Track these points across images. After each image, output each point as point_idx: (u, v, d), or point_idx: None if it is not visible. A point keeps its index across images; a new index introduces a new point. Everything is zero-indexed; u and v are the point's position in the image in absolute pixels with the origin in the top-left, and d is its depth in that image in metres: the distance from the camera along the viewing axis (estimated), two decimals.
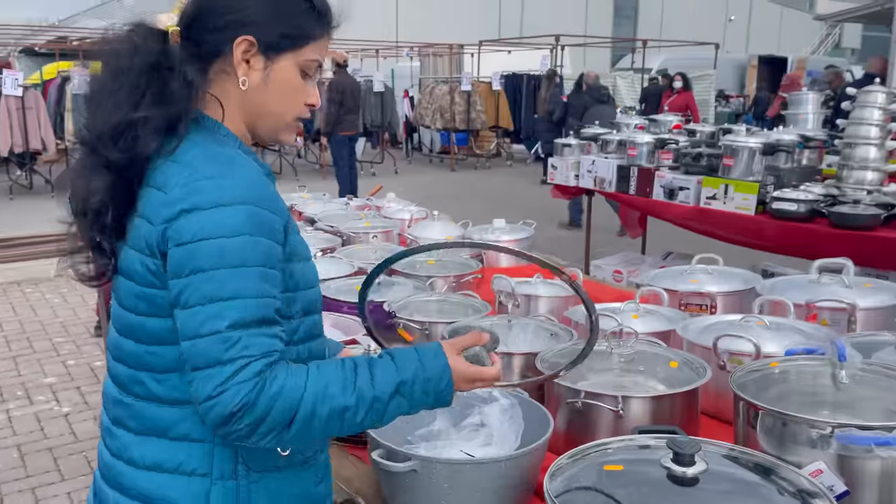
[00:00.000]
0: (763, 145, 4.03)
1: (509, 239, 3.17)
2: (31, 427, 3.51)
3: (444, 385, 1.05)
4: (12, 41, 16.47)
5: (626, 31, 35.76)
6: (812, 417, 1.13)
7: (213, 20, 1.08)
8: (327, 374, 1.01)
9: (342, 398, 0.99)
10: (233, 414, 0.94)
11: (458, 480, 1.23)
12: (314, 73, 1.15)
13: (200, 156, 1.04)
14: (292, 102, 1.13)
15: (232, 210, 0.98)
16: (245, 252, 0.98)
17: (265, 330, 0.98)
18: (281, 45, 1.09)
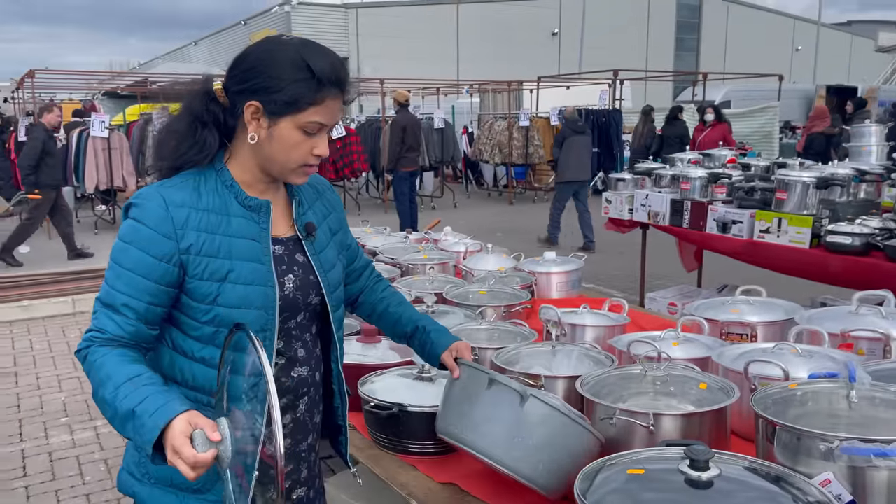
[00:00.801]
0: (816, 179, 4.06)
1: (559, 270, 3.31)
2: (117, 443, 3.80)
3: (146, 438, 1.14)
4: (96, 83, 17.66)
5: (688, 63, 35.54)
6: (821, 432, 1.24)
7: (233, 86, 1.35)
8: (117, 372, 1.23)
9: (104, 393, 1.22)
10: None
11: (548, 424, 1.47)
12: (318, 131, 1.34)
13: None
14: (294, 156, 1.35)
15: (127, 223, 1.33)
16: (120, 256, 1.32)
17: (110, 314, 1.29)
18: (281, 111, 1.31)
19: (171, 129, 1.39)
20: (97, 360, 1.25)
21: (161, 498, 1.36)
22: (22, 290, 6.59)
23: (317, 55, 1.33)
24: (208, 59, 33.41)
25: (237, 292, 1.32)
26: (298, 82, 1.30)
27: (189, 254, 1.30)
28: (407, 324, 1.70)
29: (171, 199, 1.31)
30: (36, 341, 5.62)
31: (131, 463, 1.40)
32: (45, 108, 8.81)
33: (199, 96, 1.37)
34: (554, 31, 32.68)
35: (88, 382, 1.27)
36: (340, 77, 1.34)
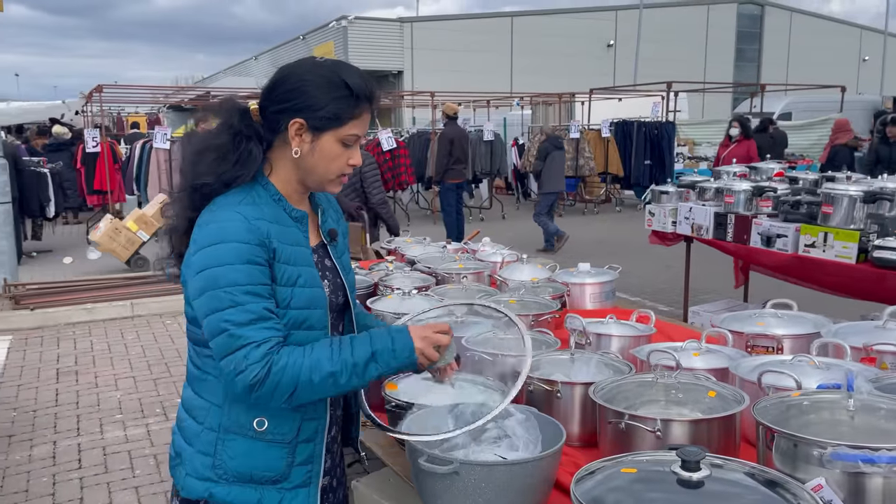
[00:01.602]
0: (864, 193, 3.98)
1: (593, 282, 3.33)
2: (166, 440, 3.99)
3: (409, 354, 1.43)
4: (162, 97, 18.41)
5: (748, 74, 34.77)
6: (814, 438, 1.26)
7: (273, 106, 1.45)
8: (319, 350, 1.39)
9: (330, 366, 1.37)
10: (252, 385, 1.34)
11: (493, 479, 1.43)
12: (355, 142, 1.47)
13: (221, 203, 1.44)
14: (333, 167, 1.47)
15: (220, 247, 1.38)
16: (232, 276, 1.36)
17: (261, 325, 1.35)
18: (325, 126, 1.43)
19: (210, 145, 1.47)
20: (287, 362, 1.35)
21: (240, 494, 1.45)
22: (86, 293, 6.94)
23: (352, 74, 1.45)
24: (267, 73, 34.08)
25: (305, 295, 1.45)
26: (339, 99, 1.42)
27: (274, 260, 1.41)
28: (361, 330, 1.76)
29: (247, 214, 1.41)
30: (96, 342, 5.92)
31: (201, 467, 1.45)
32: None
33: (237, 114, 1.47)
34: (609, 42, 32.46)
35: (142, 382, 1.39)
36: (373, 92, 1.47)
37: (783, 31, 35.70)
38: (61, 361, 5.42)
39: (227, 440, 1.45)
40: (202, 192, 1.45)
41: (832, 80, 17.96)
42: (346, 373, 1.38)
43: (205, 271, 1.37)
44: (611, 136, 13.65)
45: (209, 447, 1.46)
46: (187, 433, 1.50)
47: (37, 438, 4.04)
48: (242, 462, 1.44)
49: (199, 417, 1.48)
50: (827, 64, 32.79)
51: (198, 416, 1.49)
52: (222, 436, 1.45)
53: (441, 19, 31.72)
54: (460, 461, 1.44)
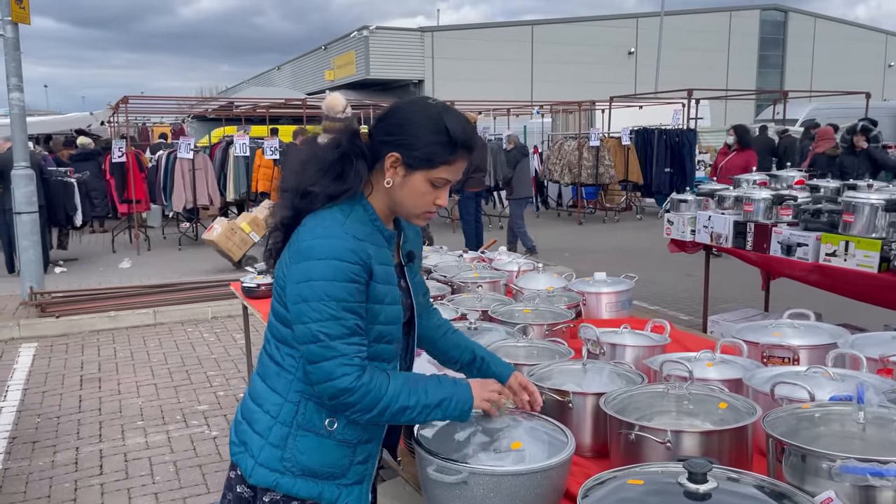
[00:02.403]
0: (886, 202, 3.92)
1: (609, 291, 3.32)
2: (185, 446, 4.04)
3: (468, 406, 1.55)
4: (186, 107, 18.67)
5: (772, 80, 34.43)
6: (823, 451, 1.25)
7: (380, 136, 1.54)
8: (398, 381, 1.51)
9: (406, 401, 1.50)
10: (341, 391, 1.46)
11: (502, 489, 1.44)
12: (444, 185, 1.55)
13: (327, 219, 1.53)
14: (420, 203, 1.55)
15: (328, 263, 1.47)
16: (334, 291, 1.46)
17: (353, 339, 1.47)
18: (417, 165, 1.51)
19: (318, 156, 1.56)
20: (374, 383, 1.47)
21: (304, 486, 1.56)
22: (110, 301, 7.05)
23: (454, 120, 1.52)
24: (290, 83, 34.70)
25: (390, 312, 1.55)
26: (436, 144, 1.49)
27: (371, 280, 1.51)
28: (465, 352, 1.86)
29: (354, 233, 1.50)
30: (119, 349, 6.01)
31: (271, 458, 1.56)
32: None
33: (350, 134, 1.56)
34: (630, 50, 32.34)
35: (163, 389, 1.44)
36: (471, 141, 1.54)
37: (807, 37, 35.31)
38: (85, 368, 5.52)
39: (298, 436, 1.55)
40: (306, 198, 1.54)
41: (857, 86, 17.73)
42: (417, 410, 1.50)
43: (310, 282, 1.46)
44: (631, 143, 13.58)
45: (280, 440, 1.55)
46: (257, 425, 1.58)
47: (60, 444, 4.11)
48: (311, 457, 1.55)
49: (272, 411, 1.57)
50: (851, 70, 32.37)
51: (270, 410, 1.58)
52: (294, 431, 1.55)
53: (461, 28, 31.83)
54: (469, 471, 1.45)
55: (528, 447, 1.56)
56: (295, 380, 1.56)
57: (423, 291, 1.79)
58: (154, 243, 11.11)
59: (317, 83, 32.07)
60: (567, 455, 1.52)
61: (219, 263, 8.96)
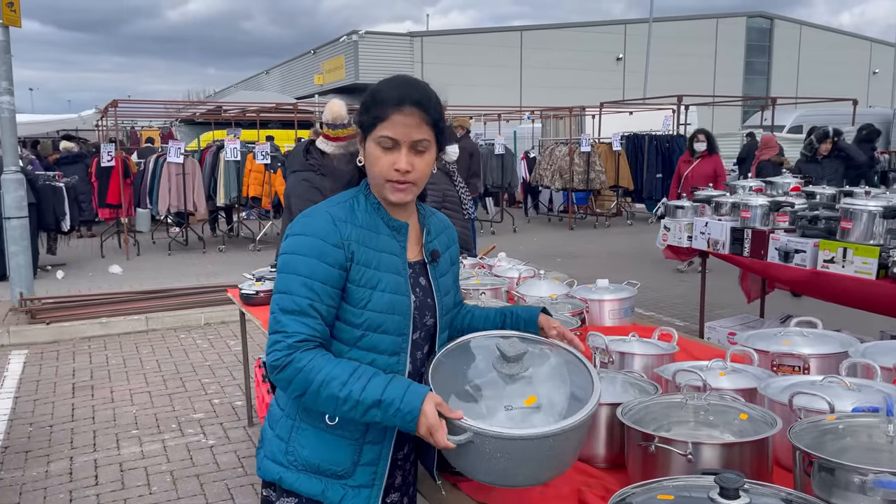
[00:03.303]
0: (884, 209, 3.95)
1: (612, 298, 3.31)
2: (182, 456, 3.98)
3: (409, 420, 1.38)
4: (174, 111, 18.54)
5: (758, 87, 34.72)
6: (854, 465, 1.24)
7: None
8: (338, 369, 1.42)
9: (336, 391, 1.40)
10: (272, 368, 1.45)
11: (509, 451, 1.39)
12: (393, 146, 1.51)
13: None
14: (377, 170, 1.54)
15: (300, 238, 1.51)
16: (298, 266, 1.48)
17: (300, 318, 1.44)
18: (365, 133, 1.55)
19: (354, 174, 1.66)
20: (306, 364, 1.42)
21: (307, 482, 1.54)
22: (101, 307, 6.97)
23: (387, 81, 1.57)
24: (279, 87, 34.59)
25: (384, 299, 1.52)
26: (372, 107, 1.54)
27: (351, 262, 1.50)
28: (496, 317, 1.82)
29: (335, 216, 1.53)
30: (111, 356, 5.93)
31: (276, 451, 1.56)
32: None
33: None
34: (619, 56, 32.50)
35: (157, 397, 1.41)
36: (400, 97, 1.51)
37: (792, 44, 35.66)
38: (77, 376, 5.44)
39: (301, 428, 1.54)
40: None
41: (842, 93, 17.93)
42: (348, 405, 1.41)
43: (283, 255, 1.51)
44: (622, 149, 13.64)
45: (285, 433, 1.56)
46: (271, 418, 1.62)
47: (53, 454, 4.04)
48: (312, 452, 1.53)
49: (282, 403, 1.60)
50: (836, 77, 32.72)
51: (280, 402, 1.61)
52: (297, 423, 1.55)
53: (450, 33, 31.88)
54: (475, 430, 1.38)
55: (545, 400, 1.49)
56: None
57: (452, 292, 1.73)
58: (143, 248, 11.01)
59: (306, 87, 31.99)
60: (585, 415, 1.43)
61: (209, 268, 8.89)
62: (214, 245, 11.42)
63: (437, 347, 1.66)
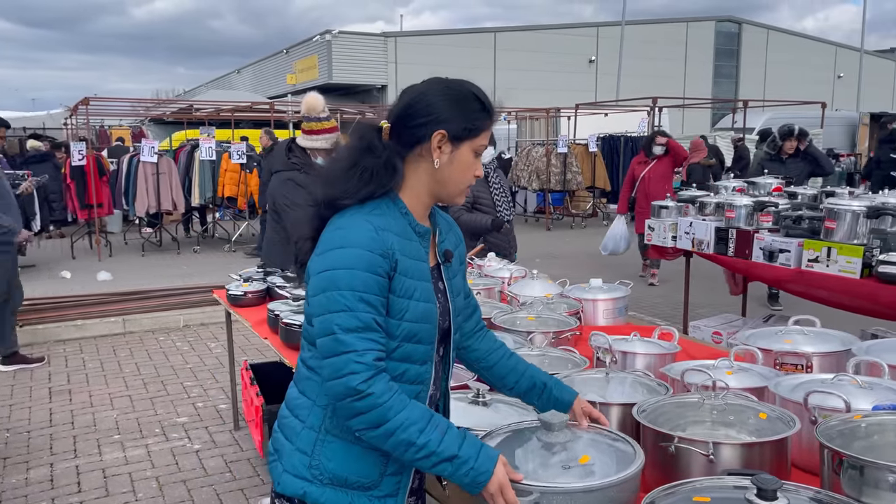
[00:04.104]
0: (867, 208, 4.02)
1: (606, 297, 3.31)
2: (167, 461, 3.89)
3: (481, 480, 1.37)
4: (144, 110, 18.22)
5: (727, 90, 35.24)
6: (888, 463, 1.24)
7: (416, 119, 1.50)
8: (416, 413, 1.38)
9: (414, 436, 1.36)
10: (348, 392, 1.36)
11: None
12: (481, 152, 1.55)
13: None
14: (467, 176, 1.55)
15: (345, 251, 1.43)
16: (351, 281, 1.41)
17: (367, 335, 1.39)
18: (464, 136, 1.51)
19: (358, 163, 1.51)
20: (386, 401, 1.36)
21: (333, 496, 1.49)
22: (76, 309, 6.80)
23: (481, 90, 1.57)
24: (251, 87, 34.20)
25: (420, 309, 1.49)
26: (475, 112, 1.52)
27: (395, 272, 1.45)
28: (522, 377, 1.77)
29: (376, 224, 1.46)
30: (88, 359, 5.79)
31: (298, 465, 1.51)
32: None
33: (375, 133, 1.53)
34: (591, 58, 32.75)
35: (138, 401, 1.35)
36: (494, 109, 1.58)
37: (760, 48, 36.26)
38: (53, 380, 5.29)
39: (326, 441, 1.49)
40: (337, 206, 1.51)
41: (808, 96, 18.28)
42: (422, 454, 1.37)
43: (326, 272, 1.42)
44: (598, 150, 13.74)
45: (308, 446, 1.50)
46: (288, 430, 1.55)
47: (33, 461, 3.92)
48: (339, 465, 1.48)
49: (302, 416, 1.53)
50: (803, 81, 33.34)
51: (300, 415, 1.53)
52: (322, 436, 1.49)
53: (424, 34, 31.83)
54: (541, 490, 1.39)
55: (597, 460, 1.51)
56: (324, 382, 1.50)
57: (463, 293, 1.72)
58: (116, 249, 10.79)
59: (278, 87, 31.67)
60: (638, 466, 1.47)
61: (184, 269, 8.74)
62: (189, 246, 11.23)
63: (451, 349, 1.65)
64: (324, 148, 3.96)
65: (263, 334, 3.25)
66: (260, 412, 3.40)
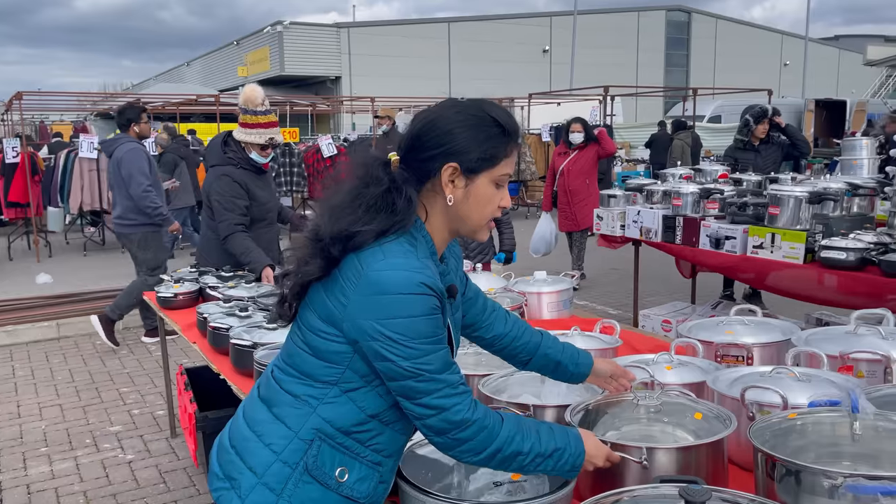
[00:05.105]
0: (809, 194, 4.02)
1: (550, 290, 3.23)
2: (97, 474, 3.68)
3: (580, 462, 1.39)
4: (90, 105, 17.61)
5: (678, 78, 35.74)
6: (824, 468, 1.16)
7: (425, 152, 1.35)
8: (514, 423, 1.35)
9: (521, 445, 1.33)
10: (457, 423, 1.31)
11: None
12: (506, 183, 1.40)
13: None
14: (488, 210, 1.40)
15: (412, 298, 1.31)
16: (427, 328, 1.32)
17: (454, 369, 1.34)
18: (479, 168, 1.36)
19: (360, 193, 1.37)
20: (489, 423, 1.33)
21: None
22: (7, 314, 6.47)
23: (497, 109, 1.39)
24: (201, 80, 33.42)
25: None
26: (491, 139, 1.35)
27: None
28: (539, 358, 1.74)
29: (432, 269, 1.34)
30: (18, 367, 5.49)
31: (262, 501, 1.36)
32: None
33: (380, 166, 1.38)
34: (545, 48, 32.84)
35: (69, 410, 1.20)
36: (518, 129, 1.40)
37: (709, 37, 36.85)
38: None
39: (303, 482, 1.36)
40: (350, 241, 1.34)
41: (756, 83, 18.60)
42: (529, 457, 1.34)
43: (394, 319, 1.28)
44: (551, 140, 13.73)
45: (278, 483, 1.35)
46: (252, 458, 1.39)
47: None
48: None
49: (276, 446, 1.38)
50: (751, 68, 34.00)
51: (273, 444, 1.38)
52: (300, 475, 1.36)
53: (378, 24, 31.50)
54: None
55: (529, 477, 1.44)
56: (313, 414, 1.37)
57: (461, 322, 1.64)
58: (56, 249, 10.35)
59: (229, 79, 30.99)
60: (569, 488, 1.41)
61: (130, 269, 8.40)
62: None
63: None
64: (258, 143, 3.79)
65: (192, 338, 3.08)
66: (193, 420, 3.23)
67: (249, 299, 3.23)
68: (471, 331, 1.74)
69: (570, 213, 7.47)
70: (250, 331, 2.71)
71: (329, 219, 1.37)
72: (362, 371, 1.36)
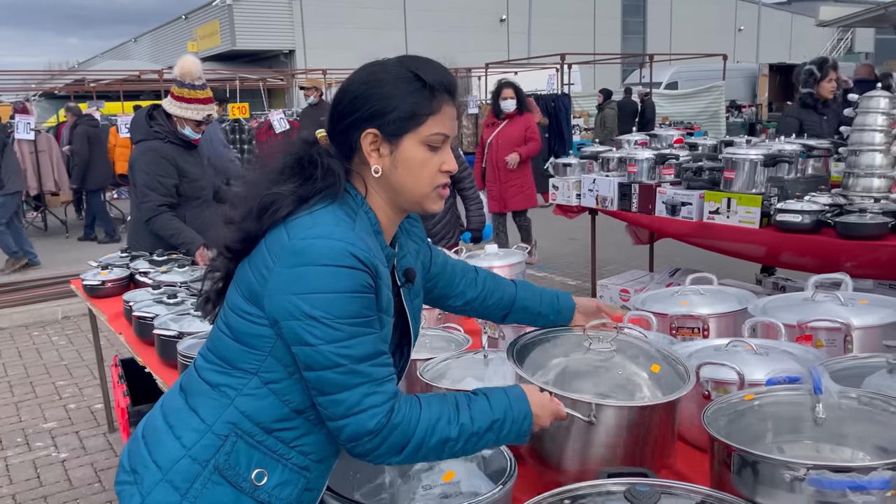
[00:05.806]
0: (764, 157, 3.93)
1: (502, 264, 3.08)
2: (27, 475, 3.46)
3: (527, 426, 1.24)
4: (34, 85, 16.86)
5: (635, 45, 35.76)
6: (785, 459, 1.04)
7: (343, 122, 1.23)
8: (433, 408, 1.19)
9: (447, 431, 1.18)
10: (371, 433, 1.15)
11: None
12: (443, 144, 1.25)
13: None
14: (425, 176, 1.24)
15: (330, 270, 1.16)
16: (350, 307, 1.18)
17: (380, 360, 1.18)
18: (400, 130, 1.21)
19: (277, 165, 1.27)
20: (401, 419, 1.17)
21: None
22: None
23: (422, 64, 1.25)
24: (150, 56, 32.35)
25: (387, 333, 1.28)
26: (413, 93, 1.21)
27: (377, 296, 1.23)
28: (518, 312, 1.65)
29: (364, 237, 1.21)
30: None
31: (163, 501, 1.20)
32: None
33: (306, 145, 1.29)
34: (502, 17, 32.47)
35: (1, 407, 1.00)
36: (450, 82, 1.26)
37: (665, 3, 36.87)
38: None
39: (212, 483, 1.20)
40: (265, 212, 1.21)
41: (711, 49, 18.67)
42: (461, 441, 1.19)
43: (316, 294, 1.13)
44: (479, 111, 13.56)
45: (184, 481, 1.20)
46: (159, 451, 1.23)
47: None
48: None
49: (186, 440, 1.22)
50: (706, 34, 34.13)
51: (183, 437, 1.23)
52: (208, 475, 1.20)
53: None
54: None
55: (463, 477, 1.32)
56: (230, 407, 1.21)
57: (418, 316, 1.47)
58: None
59: (179, 55, 29.76)
60: (506, 488, 1.28)
61: (74, 255, 8.06)
62: (79, 229, 10.41)
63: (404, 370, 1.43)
64: (193, 119, 3.57)
65: (119, 328, 2.87)
66: (126, 414, 3.04)
67: (182, 284, 3.02)
68: (441, 301, 1.64)
69: (497, 193, 6.53)
70: (178, 319, 2.52)
71: (250, 197, 1.25)
72: (285, 360, 1.20)
